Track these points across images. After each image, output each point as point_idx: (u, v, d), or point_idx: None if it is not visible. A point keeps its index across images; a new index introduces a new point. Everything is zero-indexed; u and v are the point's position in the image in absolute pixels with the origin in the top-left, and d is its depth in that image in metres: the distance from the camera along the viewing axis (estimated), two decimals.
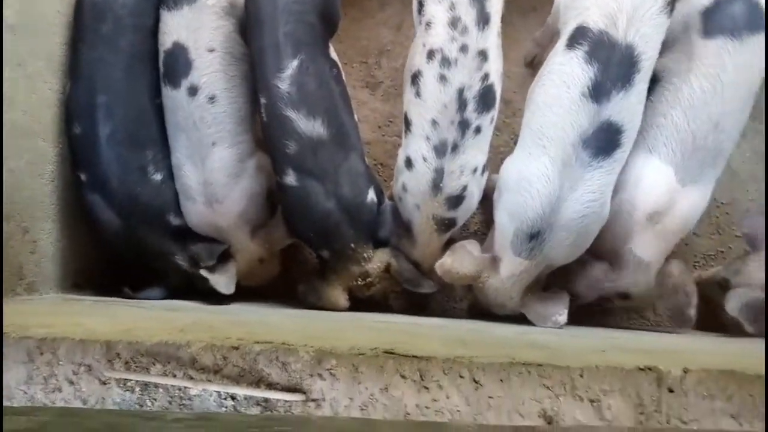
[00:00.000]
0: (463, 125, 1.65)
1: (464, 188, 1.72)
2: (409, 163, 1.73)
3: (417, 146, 1.69)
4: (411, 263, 1.81)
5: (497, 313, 1.74)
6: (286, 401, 0.98)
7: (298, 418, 0.93)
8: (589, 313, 1.82)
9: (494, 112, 1.71)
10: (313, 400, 0.98)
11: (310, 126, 1.63)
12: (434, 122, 1.65)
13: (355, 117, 1.84)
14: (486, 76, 1.65)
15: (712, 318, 1.84)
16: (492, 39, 1.66)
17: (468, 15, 1.62)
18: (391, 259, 1.79)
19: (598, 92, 1.50)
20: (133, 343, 1.02)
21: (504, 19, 2.20)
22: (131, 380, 1.00)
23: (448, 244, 1.78)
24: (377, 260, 1.77)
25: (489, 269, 1.65)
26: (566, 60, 1.56)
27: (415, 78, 1.68)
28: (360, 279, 1.76)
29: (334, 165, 1.67)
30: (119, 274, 1.89)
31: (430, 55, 1.64)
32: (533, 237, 1.56)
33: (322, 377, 0.99)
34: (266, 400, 0.98)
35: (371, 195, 1.75)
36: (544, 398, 0.96)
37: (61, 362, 1.01)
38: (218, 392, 0.99)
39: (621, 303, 1.76)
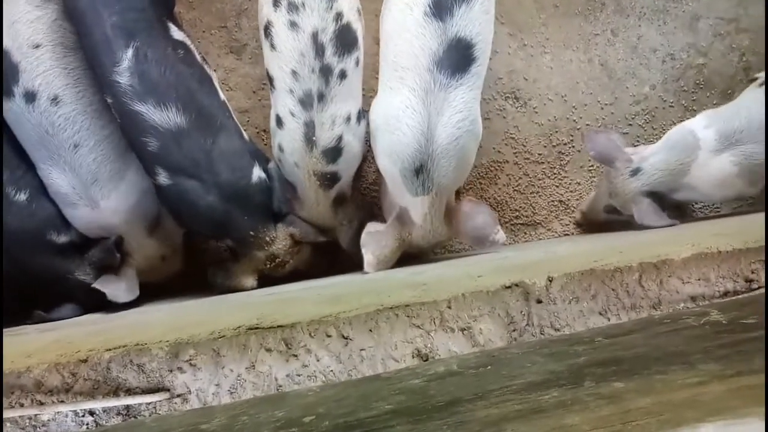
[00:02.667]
0: (325, 71, 1.56)
1: (339, 139, 1.64)
2: (279, 121, 1.63)
3: (283, 102, 1.60)
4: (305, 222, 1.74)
5: (439, 250, 1.71)
6: (149, 403, 0.91)
7: (126, 425, 0.86)
8: None
9: (358, 53, 1.61)
10: (179, 396, 0.92)
11: (164, 117, 1.49)
12: (294, 73, 1.55)
13: (221, 94, 1.68)
14: (339, 16, 1.55)
15: None
16: None
17: None
18: (292, 228, 1.70)
19: (440, 9, 1.45)
20: None
21: None
22: None
23: (342, 202, 1.73)
24: (281, 238, 1.69)
25: (404, 227, 1.61)
26: None
27: (267, 29, 1.56)
28: (269, 262, 1.68)
29: (204, 152, 1.54)
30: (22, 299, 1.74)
31: (276, 2, 1.53)
32: (419, 171, 1.53)
33: (182, 370, 0.92)
34: (128, 407, 0.91)
35: (257, 172, 1.63)
36: (415, 338, 0.93)
37: None
38: (74, 411, 0.91)
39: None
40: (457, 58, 1.47)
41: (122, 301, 1.63)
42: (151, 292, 1.77)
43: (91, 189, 1.58)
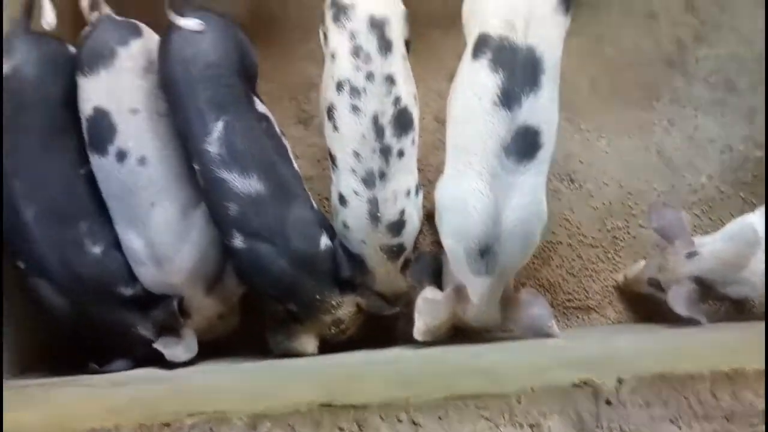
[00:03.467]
0: (385, 152, 1.66)
1: (402, 212, 1.72)
2: (342, 199, 1.72)
3: (346, 181, 1.69)
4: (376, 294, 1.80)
5: (490, 332, 1.72)
6: None
7: None
8: None
9: (413, 133, 1.72)
10: None
11: (246, 184, 1.61)
12: (356, 154, 1.65)
13: (295, 164, 1.81)
14: (397, 100, 1.66)
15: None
16: (397, 63, 1.67)
17: (369, 43, 1.63)
18: (359, 298, 1.77)
19: (508, 98, 1.52)
20: None
21: (426, 38, 2.25)
22: None
23: (407, 265, 1.78)
24: (347, 304, 1.75)
25: (459, 302, 1.64)
26: (473, 70, 1.58)
27: (330, 112, 1.68)
28: (333, 326, 1.74)
29: (279, 220, 1.64)
30: (78, 350, 1.82)
31: (339, 86, 1.65)
32: (484, 253, 1.56)
33: None
34: None
35: (324, 240, 1.72)
36: (485, 430, 0.95)
37: None
38: None
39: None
40: (525, 144, 1.53)
41: (180, 361, 1.69)
42: (208, 348, 1.83)
43: (158, 248, 1.68)
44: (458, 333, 1.71)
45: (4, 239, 1.67)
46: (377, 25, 1.64)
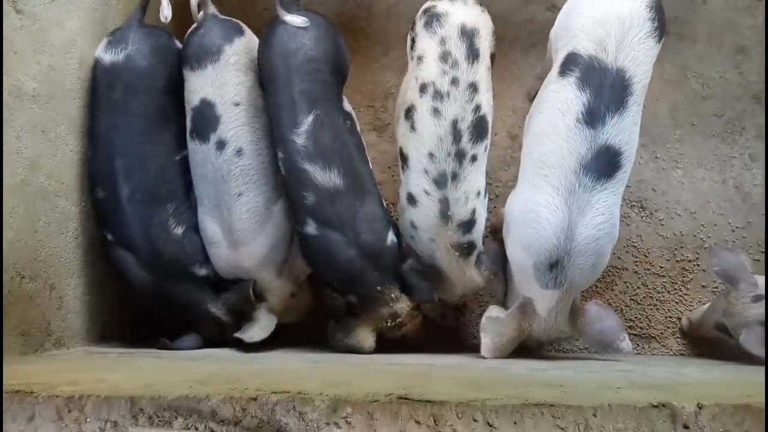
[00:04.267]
0: (460, 155, 1.71)
1: (473, 212, 1.77)
2: (411, 199, 1.77)
3: (417, 181, 1.74)
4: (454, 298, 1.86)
5: (556, 343, 1.74)
6: None
7: None
8: None
9: (487, 141, 1.78)
10: None
11: (326, 177, 1.69)
12: (431, 155, 1.71)
13: (370, 164, 1.90)
14: (478, 108, 1.71)
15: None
16: (482, 72, 1.72)
17: (458, 49, 1.69)
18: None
19: (592, 117, 1.54)
20: (156, 398, 1.06)
21: (507, 57, 2.30)
22: None
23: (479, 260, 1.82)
24: (405, 299, 1.80)
25: (526, 317, 1.65)
26: (560, 87, 1.61)
27: (409, 112, 1.74)
28: (390, 320, 1.79)
29: (352, 212, 1.72)
30: (150, 324, 1.94)
31: (423, 88, 1.71)
32: (553, 266, 1.58)
33: (338, 425, 1.01)
34: None
35: (391, 236, 1.79)
36: None
37: (88, 419, 1.05)
38: None
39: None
40: (605, 164, 1.55)
41: (257, 340, 1.77)
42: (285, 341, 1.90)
43: (237, 234, 1.79)
44: (520, 347, 1.72)
45: (99, 209, 1.81)
46: (467, 34, 1.70)
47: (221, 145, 1.77)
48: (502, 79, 2.31)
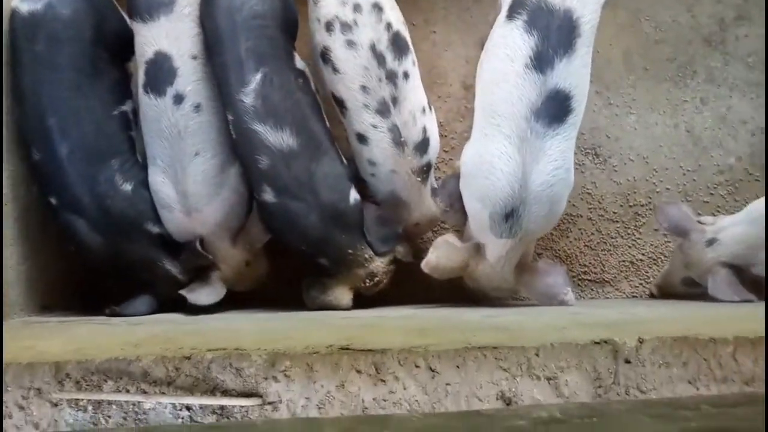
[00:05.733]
0: (392, 77, 1.66)
1: (424, 129, 1.73)
2: (361, 138, 1.71)
3: (360, 119, 1.68)
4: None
5: (496, 296, 1.73)
6: (242, 407, 0.96)
7: (241, 424, 0.91)
8: None
9: (412, 55, 1.72)
10: (270, 403, 0.97)
11: (278, 138, 1.61)
12: (364, 88, 1.65)
13: (326, 121, 1.78)
14: (389, 25, 1.66)
15: None
16: None
17: None
18: (396, 248, 1.78)
19: (541, 61, 1.50)
20: (83, 362, 1.00)
21: (459, 4, 2.22)
22: (83, 400, 0.98)
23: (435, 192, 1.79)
24: (381, 257, 1.76)
25: (475, 257, 1.64)
26: (507, 32, 1.56)
27: (325, 55, 1.66)
28: (368, 280, 1.75)
29: (309, 174, 1.64)
30: (98, 291, 1.86)
31: (329, 27, 1.64)
32: (509, 216, 1.56)
33: (276, 379, 0.97)
34: (222, 407, 0.97)
35: (354, 195, 1.73)
36: (501, 380, 0.95)
37: (9, 388, 0.98)
38: (173, 404, 0.97)
39: None
40: (555, 108, 1.51)
41: (203, 304, 1.71)
42: (237, 303, 1.84)
43: (191, 198, 1.69)
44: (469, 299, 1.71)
45: (37, 172, 1.69)
46: None
47: (179, 99, 1.66)
48: (455, 28, 2.24)
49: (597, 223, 2.19)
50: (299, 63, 1.75)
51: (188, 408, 0.97)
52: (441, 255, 1.62)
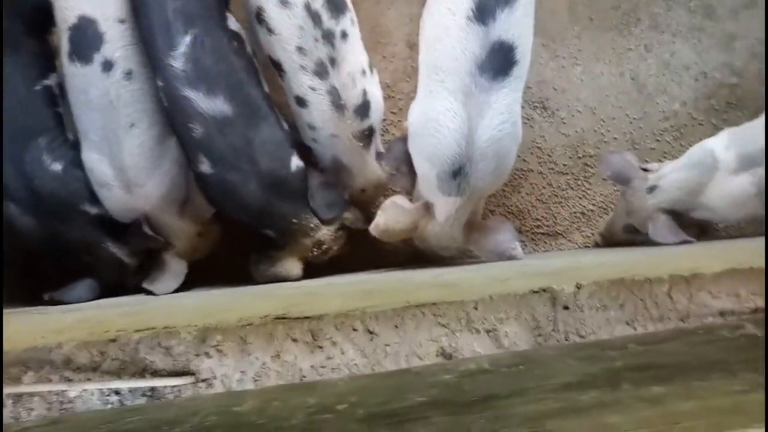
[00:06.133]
0: (328, 36, 1.58)
1: (364, 92, 1.67)
2: (300, 101, 1.65)
3: (298, 81, 1.61)
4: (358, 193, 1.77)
5: (445, 256, 1.71)
6: (174, 386, 0.92)
7: (155, 405, 0.87)
8: None
9: (350, 13, 1.65)
10: (203, 380, 0.93)
11: (211, 104, 1.52)
12: (300, 49, 1.57)
13: (265, 85, 1.69)
14: None
15: None
16: None
17: None
18: (345, 215, 1.73)
19: (482, 13, 1.45)
20: None
21: None
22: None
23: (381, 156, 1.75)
24: (327, 224, 1.70)
25: (425, 216, 1.61)
26: None
27: (259, 16, 1.58)
28: (316, 248, 1.70)
29: (246, 141, 1.56)
30: (34, 279, 1.77)
31: None
32: (456, 174, 1.53)
33: (208, 355, 0.93)
34: (153, 389, 0.92)
35: (295, 161, 1.65)
36: (440, 336, 0.94)
37: None
38: (100, 390, 0.92)
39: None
40: (499, 61, 1.47)
41: (170, 290, 1.66)
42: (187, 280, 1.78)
43: (129, 173, 1.60)
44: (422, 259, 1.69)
45: None
46: None
47: (108, 66, 1.54)
48: None
49: (547, 176, 2.19)
50: (233, 24, 1.64)
51: (117, 392, 0.92)
52: (389, 217, 1.59)
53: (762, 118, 1.82)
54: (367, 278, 1.49)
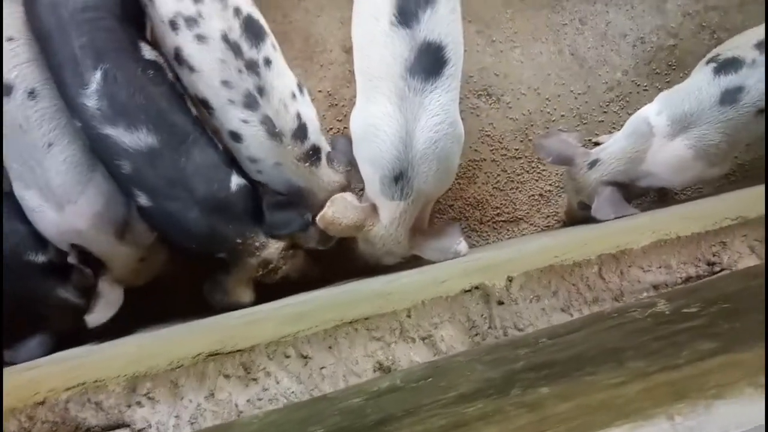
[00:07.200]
0: (252, 66, 1.54)
1: (298, 115, 1.63)
2: (235, 137, 1.61)
3: (229, 116, 1.58)
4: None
5: (389, 263, 1.70)
6: None
7: None
8: None
9: (270, 38, 1.61)
10: (140, 431, 0.90)
11: (135, 139, 1.48)
12: (225, 83, 1.54)
13: (193, 109, 1.65)
14: (237, 11, 1.54)
15: None
16: None
17: None
18: (299, 235, 1.70)
19: (405, 16, 1.44)
20: None
21: None
22: None
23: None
24: (274, 243, 1.67)
25: (371, 218, 1.59)
26: None
27: (178, 56, 1.54)
28: (262, 268, 1.66)
29: (178, 170, 1.53)
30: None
31: (174, 25, 1.51)
32: (399, 178, 1.52)
33: (140, 404, 0.90)
34: None
35: (236, 180, 1.62)
36: (376, 351, 0.91)
37: None
38: None
39: None
40: (429, 62, 1.46)
41: (103, 321, 1.60)
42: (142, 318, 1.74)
43: (58, 191, 1.53)
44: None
45: None
46: None
47: (7, 90, 1.48)
48: None
49: (501, 163, 2.18)
50: (149, 53, 1.59)
51: None
52: (337, 210, 1.57)
53: (691, 78, 1.82)
54: (303, 299, 1.46)
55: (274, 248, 1.66)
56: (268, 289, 1.73)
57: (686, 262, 0.91)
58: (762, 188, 1.12)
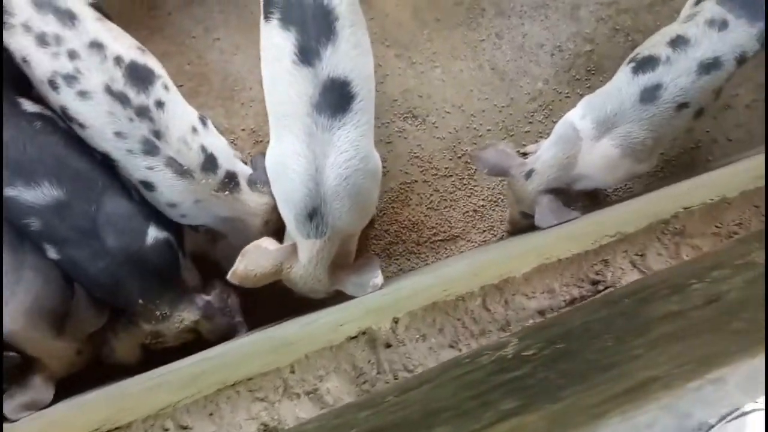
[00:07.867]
0: (143, 112, 1.50)
1: (203, 148, 1.59)
2: (146, 185, 1.56)
3: (133, 167, 1.53)
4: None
5: (314, 297, 1.66)
6: None
7: None
8: None
9: (161, 78, 1.56)
10: None
11: (37, 194, 1.43)
12: (119, 134, 1.50)
13: (97, 154, 1.58)
14: (118, 59, 1.49)
15: None
16: (93, 26, 1.50)
17: (48, 24, 1.44)
18: (202, 319, 1.63)
19: (306, 55, 1.43)
20: None
21: (237, 5, 2.10)
22: None
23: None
24: (176, 320, 1.60)
25: (290, 258, 1.55)
26: (267, 33, 1.49)
27: (66, 114, 1.50)
28: (150, 338, 1.59)
29: (88, 219, 1.48)
30: None
31: (53, 84, 1.46)
32: (312, 215, 1.49)
33: None
34: None
35: (153, 233, 1.56)
36: (260, 412, 0.87)
37: None
38: None
39: None
40: (335, 98, 1.44)
41: (26, 415, 1.52)
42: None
43: None
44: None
45: None
46: (45, 3, 1.44)
47: None
48: (238, 30, 2.13)
49: (432, 183, 2.17)
50: (31, 107, 1.53)
51: None
52: (249, 263, 1.52)
53: (612, 82, 1.84)
54: (205, 356, 1.40)
55: (174, 325, 1.60)
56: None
57: (569, 284, 0.89)
58: (633, 202, 1.11)
